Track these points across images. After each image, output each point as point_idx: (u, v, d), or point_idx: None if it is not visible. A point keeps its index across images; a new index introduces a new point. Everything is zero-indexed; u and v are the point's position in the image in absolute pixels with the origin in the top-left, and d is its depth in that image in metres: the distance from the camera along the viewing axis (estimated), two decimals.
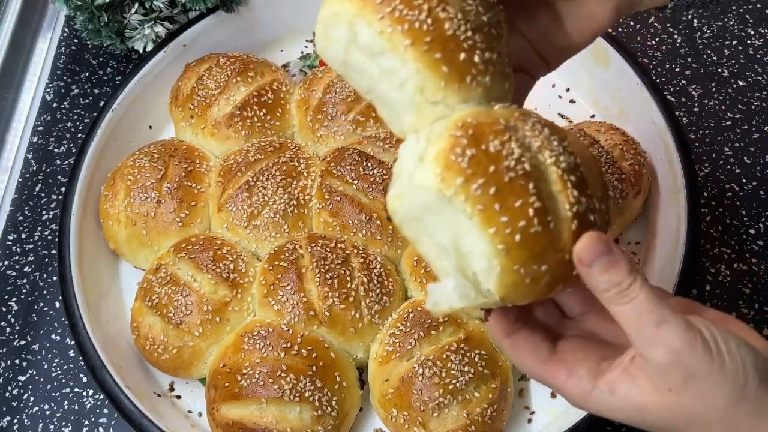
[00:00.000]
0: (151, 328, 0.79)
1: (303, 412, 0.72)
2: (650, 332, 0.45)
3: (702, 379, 0.44)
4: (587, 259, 0.45)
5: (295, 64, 1.05)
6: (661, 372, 0.45)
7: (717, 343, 0.45)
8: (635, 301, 0.45)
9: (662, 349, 0.44)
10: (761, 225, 0.91)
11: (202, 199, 0.87)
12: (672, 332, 0.44)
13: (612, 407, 0.47)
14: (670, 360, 0.44)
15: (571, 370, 0.48)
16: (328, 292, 0.77)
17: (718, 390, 0.45)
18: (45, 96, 1.05)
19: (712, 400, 0.45)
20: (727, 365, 0.45)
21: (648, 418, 0.47)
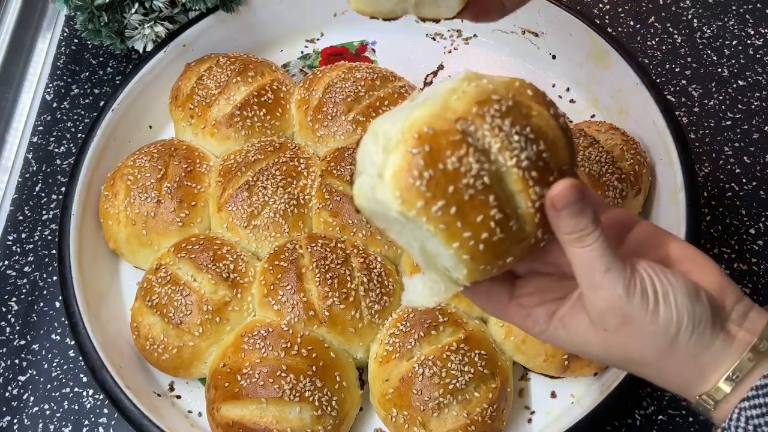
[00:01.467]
0: (151, 328, 0.79)
1: (303, 412, 0.72)
2: (597, 277, 0.49)
3: (635, 326, 0.49)
4: (560, 206, 0.48)
5: (295, 64, 1.05)
6: (600, 314, 0.50)
7: (656, 294, 0.49)
8: (591, 247, 0.48)
9: (604, 294, 0.49)
10: (761, 225, 0.91)
11: (202, 199, 0.87)
12: (615, 280, 0.48)
13: (565, 340, 0.53)
14: (609, 305, 0.49)
15: (529, 312, 0.53)
16: (328, 292, 0.77)
17: (648, 338, 0.49)
18: (45, 96, 1.05)
19: (643, 345, 0.50)
20: (660, 317, 0.49)
21: (591, 350, 0.52)
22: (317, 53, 1.06)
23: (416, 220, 0.46)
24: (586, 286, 0.50)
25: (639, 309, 0.49)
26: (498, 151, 0.46)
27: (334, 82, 0.93)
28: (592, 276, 0.49)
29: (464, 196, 0.45)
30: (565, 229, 0.48)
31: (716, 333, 0.50)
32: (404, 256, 0.84)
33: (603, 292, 0.49)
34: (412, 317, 0.77)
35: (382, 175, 0.46)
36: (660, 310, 0.49)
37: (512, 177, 0.47)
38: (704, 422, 0.79)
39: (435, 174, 0.45)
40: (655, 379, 0.53)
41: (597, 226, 0.48)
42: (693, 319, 0.49)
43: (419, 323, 0.76)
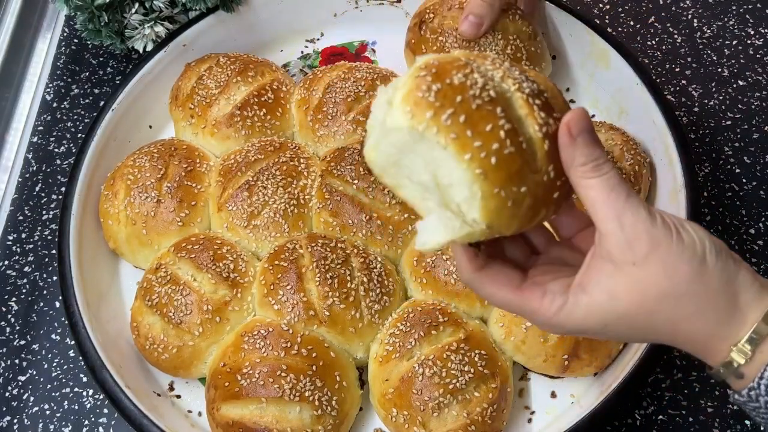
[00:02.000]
0: (151, 327, 0.79)
1: (303, 412, 0.72)
2: (620, 203, 0.47)
3: (664, 248, 0.47)
4: (575, 130, 0.46)
5: (295, 64, 1.05)
6: (627, 244, 0.47)
7: (673, 220, 0.48)
8: (608, 175, 0.47)
9: (629, 218, 0.47)
10: (761, 225, 0.91)
11: (202, 199, 0.87)
12: (637, 204, 0.47)
13: (587, 309, 0.49)
14: (635, 230, 0.47)
15: (545, 288, 0.50)
16: (328, 292, 0.77)
17: (680, 260, 0.47)
18: (45, 96, 1.05)
19: (675, 270, 0.47)
20: (685, 238, 0.47)
21: (620, 304, 0.48)
22: (317, 53, 1.06)
23: (427, 134, 0.46)
24: (607, 218, 0.47)
25: (664, 232, 0.47)
26: (501, 78, 0.48)
27: (335, 82, 0.93)
28: (615, 203, 0.47)
29: (472, 105, 0.46)
30: (581, 158, 0.47)
31: (738, 265, 0.49)
32: (404, 256, 0.84)
33: (628, 217, 0.47)
34: (412, 317, 0.77)
35: (392, 102, 0.47)
36: (682, 234, 0.48)
37: (517, 101, 0.48)
38: (704, 422, 0.79)
39: (443, 87, 0.46)
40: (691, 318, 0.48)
41: (607, 158, 0.48)
42: (714, 244, 0.49)
43: (419, 323, 0.76)
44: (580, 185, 0.48)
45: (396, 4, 1.05)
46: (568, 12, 0.95)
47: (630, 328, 0.49)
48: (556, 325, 0.50)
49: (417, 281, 0.81)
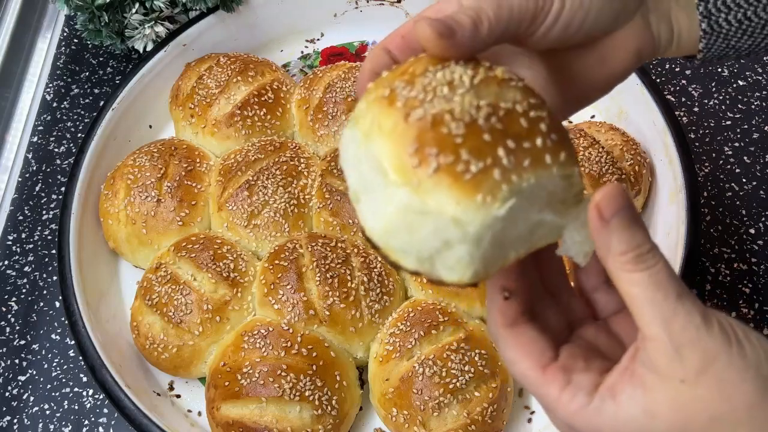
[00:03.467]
0: (151, 327, 0.79)
1: (303, 411, 0.72)
2: (670, 305, 0.38)
3: (722, 364, 0.37)
4: (608, 211, 0.38)
5: (295, 64, 1.05)
6: (675, 355, 0.38)
7: (734, 328, 0.38)
8: (655, 268, 0.38)
9: (679, 324, 0.37)
10: (761, 225, 0.91)
11: (202, 199, 0.87)
12: (691, 308, 0.38)
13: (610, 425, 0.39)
14: (689, 339, 0.37)
15: (571, 379, 0.41)
16: (329, 292, 0.77)
17: (740, 380, 0.37)
18: (45, 96, 1.05)
19: (734, 392, 0.37)
20: (748, 352, 0.38)
21: (658, 427, 0.38)
22: (317, 53, 1.06)
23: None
24: (652, 322, 0.38)
25: (722, 343, 0.37)
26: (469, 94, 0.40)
27: (335, 81, 0.93)
28: (663, 306, 0.38)
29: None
30: (620, 246, 0.38)
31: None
32: None
33: (678, 323, 0.37)
34: (412, 317, 0.77)
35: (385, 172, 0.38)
36: (745, 346, 0.38)
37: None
38: None
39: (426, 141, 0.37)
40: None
41: (655, 244, 0.39)
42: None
43: (419, 322, 0.76)
44: (620, 279, 0.39)
45: (396, 4, 1.05)
46: None
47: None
48: (569, 424, 0.41)
49: (417, 281, 0.81)
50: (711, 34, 0.50)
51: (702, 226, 0.89)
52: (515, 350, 0.43)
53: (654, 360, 0.38)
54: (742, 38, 0.51)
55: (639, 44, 0.49)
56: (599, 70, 0.50)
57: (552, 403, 0.42)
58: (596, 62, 0.49)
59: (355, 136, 0.40)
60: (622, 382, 0.40)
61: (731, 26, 0.49)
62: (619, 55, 0.49)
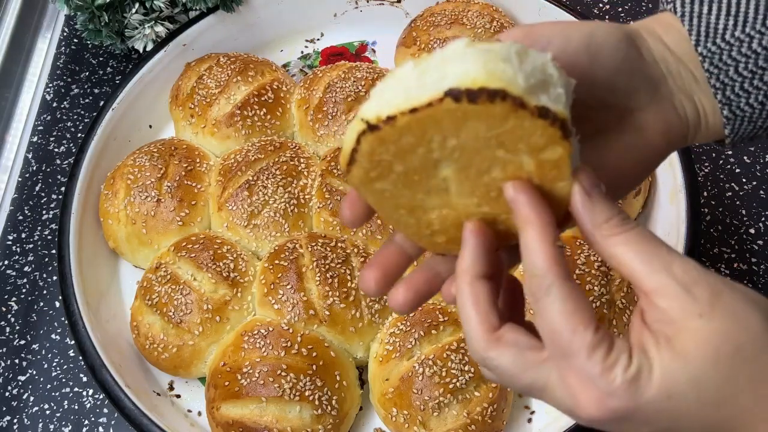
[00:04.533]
0: (151, 327, 0.79)
1: (303, 411, 0.72)
2: (665, 254, 0.39)
3: (728, 296, 0.38)
4: (589, 187, 0.40)
5: (295, 64, 1.06)
6: (686, 295, 0.38)
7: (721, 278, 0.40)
8: (639, 228, 0.40)
9: (680, 266, 0.38)
10: (761, 224, 0.91)
11: (202, 198, 0.87)
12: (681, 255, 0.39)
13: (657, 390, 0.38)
14: (693, 277, 0.38)
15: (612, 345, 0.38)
16: (329, 291, 0.77)
17: (748, 309, 0.38)
18: (45, 96, 1.05)
19: (747, 320, 0.38)
20: (741, 289, 0.39)
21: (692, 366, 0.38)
22: (317, 53, 1.06)
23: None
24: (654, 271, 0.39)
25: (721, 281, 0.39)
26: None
27: (335, 81, 0.93)
28: (659, 256, 0.39)
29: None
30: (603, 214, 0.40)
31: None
32: None
33: (678, 267, 0.39)
34: (412, 316, 0.77)
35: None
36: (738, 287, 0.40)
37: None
38: None
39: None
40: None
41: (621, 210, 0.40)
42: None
43: (419, 322, 0.76)
44: (610, 245, 0.39)
45: (396, 4, 1.05)
46: (568, 11, 0.95)
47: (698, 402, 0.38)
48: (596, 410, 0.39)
49: None
50: (734, 119, 0.48)
51: (702, 226, 0.89)
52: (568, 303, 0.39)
53: (667, 309, 0.38)
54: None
55: (667, 126, 0.48)
56: (629, 155, 0.48)
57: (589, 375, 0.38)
58: (625, 148, 0.48)
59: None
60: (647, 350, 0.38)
61: (754, 109, 0.47)
62: (648, 139, 0.48)
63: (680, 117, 0.48)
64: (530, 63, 0.37)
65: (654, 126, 0.47)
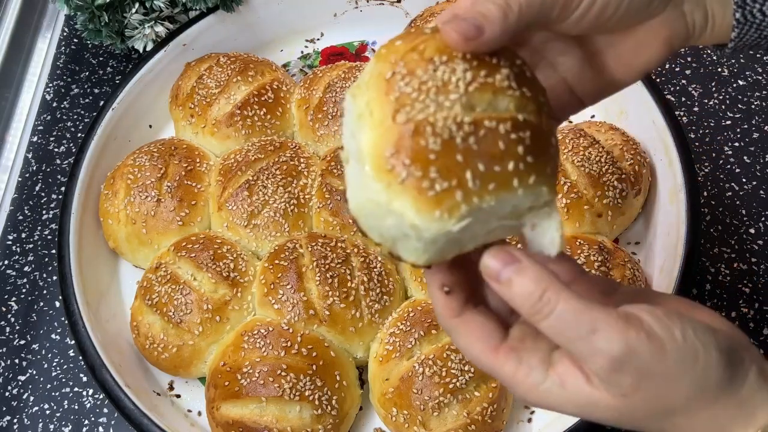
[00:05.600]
0: (151, 327, 0.79)
1: (303, 411, 0.72)
2: (584, 344, 0.40)
3: (657, 377, 0.40)
4: (492, 275, 0.41)
5: (295, 64, 1.05)
6: (610, 381, 0.40)
7: (670, 330, 0.40)
8: (554, 314, 0.40)
9: (601, 360, 0.40)
10: (761, 224, 0.91)
11: (202, 198, 0.87)
12: (609, 339, 0.39)
13: (562, 401, 0.43)
14: (615, 368, 0.40)
15: (522, 358, 0.43)
16: (329, 291, 0.77)
17: (676, 386, 0.40)
18: (45, 95, 1.05)
19: (671, 396, 0.41)
20: (683, 356, 0.40)
21: (600, 413, 0.42)
22: (317, 53, 1.06)
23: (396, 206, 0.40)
24: (580, 358, 0.41)
25: (653, 356, 0.39)
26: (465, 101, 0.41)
27: (335, 81, 0.93)
28: (578, 345, 0.40)
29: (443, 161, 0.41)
30: (515, 301, 0.41)
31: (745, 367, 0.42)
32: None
33: (599, 359, 0.40)
34: (413, 316, 0.77)
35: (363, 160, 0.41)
36: (681, 348, 0.40)
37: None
38: None
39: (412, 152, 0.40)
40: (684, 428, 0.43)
41: (549, 286, 0.40)
42: (720, 349, 0.41)
43: (419, 322, 0.76)
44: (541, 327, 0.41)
45: (396, 4, 1.05)
46: None
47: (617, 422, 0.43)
48: (524, 398, 0.44)
49: (417, 280, 0.81)
50: (744, 24, 0.49)
51: (702, 226, 0.89)
52: (466, 337, 0.45)
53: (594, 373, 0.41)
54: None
55: (671, 33, 0.49)
56: (632, 58, 0.49)
57: (509, 380, 0.44)
58: (629, 50, 0.49)
59: (349, 107, 0.43)
60: (571, 374, 0.42)
61: (765, 17, 0.49)
62: (651, 44, 0.49)
63: (686, 23, 0.49)
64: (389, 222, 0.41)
65: (659, 33, 0.48)
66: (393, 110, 0.40)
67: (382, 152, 0.40)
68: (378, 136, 0.40)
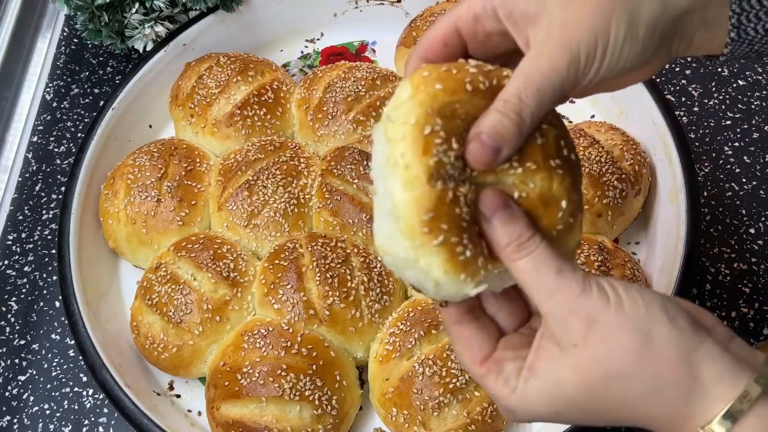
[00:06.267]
0: (151, 327, 0.79)
1: (303, 411, 0.72)
2: (549, 281, 0.44)
3: (601, 323, 0.43)
4: (489, 213, 0.45)
5: (295, 64, 1.06)
6: (563, 325, 0.43)
7: (615, 290, 0.43)
8: (534, 253, 0.44)
9: (560, 297, 0.43)
10: (761, 224, 0.91)
11: (202, 198, 0.87)
12: (569, 280, 0.43)
13: (535, 395, 0.45)
14: (569, 308, 0.43)
15: (502, 369, 0.46)
16: (329, 291, 0.77)
17: (618, 334, 0.42)
18: (45, 95, 1.05)
19: (617, 345, 0.42)
20: (627, 308, 0.43)
21: (566, 390, 0.44)
22: (317, 53, 1.06)
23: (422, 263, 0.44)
24: (540, 299, 0.44)
25: (600, 304, 0.43)
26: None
27: (335, 81, 0.93)
28: (543, 283, 0.44)
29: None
30: (503, 240, 0.45)
31: (702, 334, 0.43)
32: None
33: (558, 296, 0.43)
34: (412, 316, 0.77)
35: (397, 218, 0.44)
36: (624, 302, 0.43)
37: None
38: None
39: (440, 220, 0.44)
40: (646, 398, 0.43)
41: (534, 232, 0.45)
42: (665, 310, 0.43)
43: (419, 322, 0.76)
44: (511, 268, 0.45)
45: (396, 4, 1.05)
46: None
47: (585, 413, 0.45)
48: (510, 411, 0.46)
49: None
50: (737, 42, 0.51)
51: (702, 226, 0.89)
52: (459, 344, 0.49)
53: (553, 332, 0.44)
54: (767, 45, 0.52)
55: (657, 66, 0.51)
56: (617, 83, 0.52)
57: (492, 393, 0.47)
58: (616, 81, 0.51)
59: (382, 141, 0.45)
60: (537, 359, 0.45)
61: (758, 34, 0.50)
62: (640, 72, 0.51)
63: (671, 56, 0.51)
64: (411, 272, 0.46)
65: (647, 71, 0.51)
66: (428, 173, 0.43)
67: (418, 214, 0.43)
68: (415, 198, 0.43)
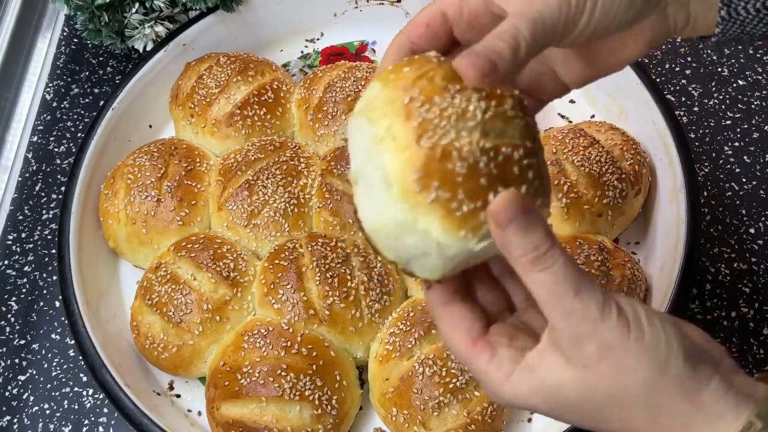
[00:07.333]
0: (151, 326, 0.79)
1: (303, 411, 0.72)
2: (568, 301, 0.42)
3: (619, 351, 0.42)
4: (503, 220, 0.41)
5: (295, 64, 1.05)
6: (576, 344, 0.42)
7: (637, 316, 0.42)
8: (553, 268, 0.42)
9: (577, 319, 0.42)
10: (761, 224, 0.91)
11: (202, 198, 0.87)
12: (588, 302, 0.42)
13: (531, 389, 0.45)
14: (586, 331, 0.42)
15: (496, 353, 0.46)
16: (329, 291, 0.77)
17: (636, 364, 0.42)
18: (45, 95, 1.05)
19: (631, 375, 0.42)
20: (646, 338, 0.42)
21: (565, 395, 0.44)
22: (317, 53, 1.06)
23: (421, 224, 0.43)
24: (554, 317, 0.43)
25: (619, 332, 0.42)
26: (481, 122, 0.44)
27: (335, 81, 0.93)
28: (559, 303, 0.42)
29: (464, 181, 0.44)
30: (517, 250, 0.42)
31: (711, 371, 0.43)
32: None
33: (575, 319, 0.42)
34: (413, 316, 0.77)
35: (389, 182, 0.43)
36: (645, 331, 0.42)
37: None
38: None
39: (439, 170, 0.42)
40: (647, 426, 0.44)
41: (554, 242, 0.42)
42: (683, 345, 0.42)
43: (419, 322, 0.76)
44: (524, 279, 0.43)
45: (396, 4, 1.05)
46: None
47: (580, 418, 0.45)
48: (496, 392, 0.46)
49: (417, 280, 0.81)
50: (728, 21, 0.51)
51: (702, 226, 0.89)
52: (447, 324, 0.48)
53: (561, 344, 0.43)
54: (758, 25, 0.52)
55: (655, 32, 0.51)
56: (617, 52, 0.52)
57: (480, 373, 0.46)
58: (615, 46, 0.52)
59: (364, 129, 0.45)
60: (540, 359, 0.44)
61: (749, 14, 0.51)
62: (636, 41, 0.52)
63: (668, 24, 0.52)
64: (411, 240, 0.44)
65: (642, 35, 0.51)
66: (416, 135, 0.43)
67: (410, 174, 0.42)
68: (405, 160, 0.42)
